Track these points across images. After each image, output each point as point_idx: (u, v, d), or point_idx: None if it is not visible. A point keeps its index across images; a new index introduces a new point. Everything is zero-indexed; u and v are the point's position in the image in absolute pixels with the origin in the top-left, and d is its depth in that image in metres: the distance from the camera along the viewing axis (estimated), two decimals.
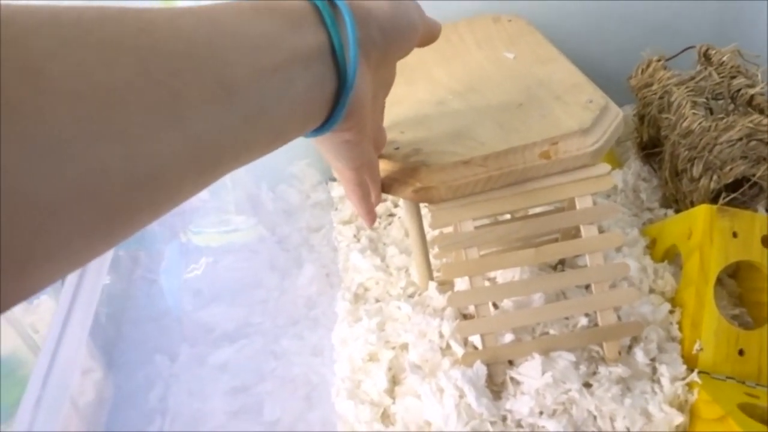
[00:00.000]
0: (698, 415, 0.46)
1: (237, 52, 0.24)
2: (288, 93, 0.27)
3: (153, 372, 0.67)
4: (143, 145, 0.20)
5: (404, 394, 0.50)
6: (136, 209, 0.21)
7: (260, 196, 0.80)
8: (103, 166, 0.19)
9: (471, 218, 0.48)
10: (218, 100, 0.23)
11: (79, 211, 0.19)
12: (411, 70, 0.59)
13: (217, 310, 0.73)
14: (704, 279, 0.51)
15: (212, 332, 0.71)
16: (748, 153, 0.58)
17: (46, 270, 0.19)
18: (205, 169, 0.24)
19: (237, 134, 0.25)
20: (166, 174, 0.22)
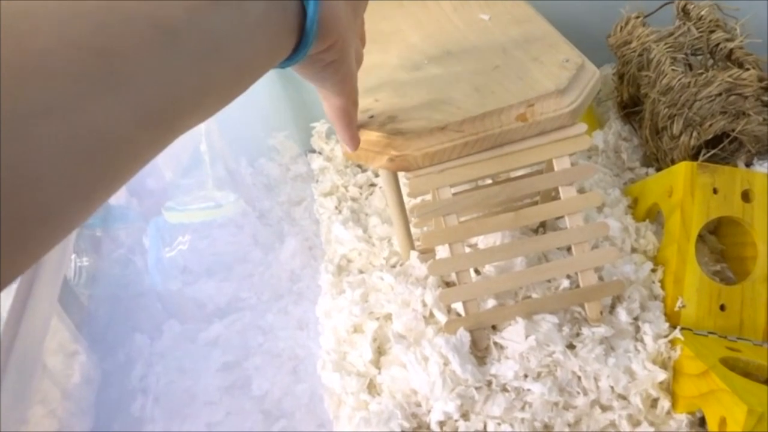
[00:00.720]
0: (681, 371, 0.46)
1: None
2: (242, 21, 0.24)
3: (138, 351, 0.66)
4: (79, 117, 0.19)
5: (390, 364, 0.50)
6: (90, 184, 0.20)
7: (239, 170, 0.79)
8: (41, 145, 0.18)
9: (449, 185, 0.47)
10: (157, 48, 0.20)
11: (29, 195, 0.18)
12: (385, 36, 0.58)
13: (204, 287, 0.72)
14: (686, 236, 0.51)
15: (201, 309, 0.71)
16: (727, 108, 0.58)
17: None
18: (161, 126, 0.22)
19: (189, 81, 0.22)
20: (116, 143, 0.20)
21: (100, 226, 0.75)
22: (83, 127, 0.19)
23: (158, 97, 0.21)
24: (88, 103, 0.19)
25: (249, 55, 0.25)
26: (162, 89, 0.21)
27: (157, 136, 0.22)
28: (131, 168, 0.22)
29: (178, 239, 0.74)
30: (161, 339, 0.68)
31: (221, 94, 0.25)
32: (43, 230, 0.19)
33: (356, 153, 0.48)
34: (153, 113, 0.21)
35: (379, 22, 0.61)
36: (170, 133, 0.23)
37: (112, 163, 0.21)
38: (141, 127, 0.21)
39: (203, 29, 0.22)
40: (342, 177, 0.72)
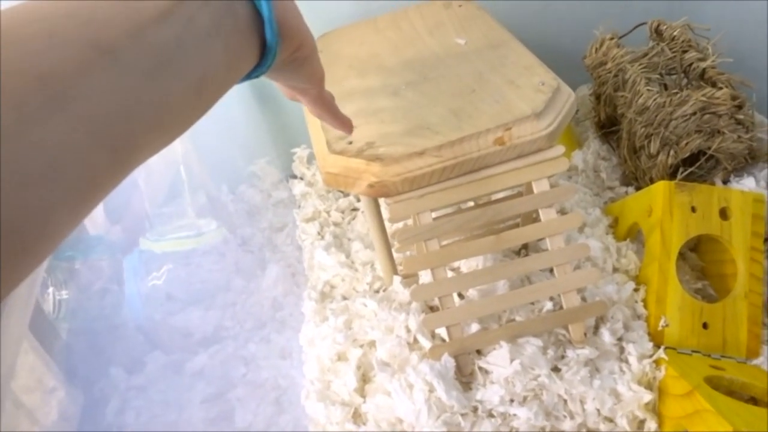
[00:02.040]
0: (667, 391, 0.46)
1: (107, 10, 0.21)
2: (189, 33, 0.23)
3: (115, 385, 0.65)
4: (28, 141, 0.18)
5: (375, 392, 0.49)
6: (47, 211, 0.20)
7: (220, 198, 0.78)
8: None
9: (429, 209, 0.47)
10: (99, 68, 0.20)
11: None
12: (362, 62, 0.58)
13: (187, 317, 0.71)
14: (666, 255, 0.51)
15: (186, 339, 0.69)
16: (702, 126, 0.58)
17: None
18: (119, 145, 0.21)
19: (142, 97, 0.22)
20: (72, 165, 0.20)
21: (79, 258, 0.74)
22: (33, 151, 0.19)
23: (109, 115, 0.21)
24: (36, 126, 0.19)
25: (204, 67, 0.24)
26: (112, 107, 0.21)
27: (118, 157, 0.22)
28: (93, 193, 0.21)
29: (160, 269, 0.73)
30: (144, 371, 0.67)
31: (182, 110, 0.24)
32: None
33: (336, 179, 0.48)
34: (106, 132, 0.21)
35: (356, 48, 0.61)
36: (133, 154, 0.22)
37: (72, 187, 0.20)
38: (96, 147, 0.20)
39: (147, 45, 0.22)
40: (324, 202, 0.72)
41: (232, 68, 0.26)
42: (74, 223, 0.21)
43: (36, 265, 0.21)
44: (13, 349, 0.50)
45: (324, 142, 0.49)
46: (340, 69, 0.58)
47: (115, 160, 0.22)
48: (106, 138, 0.21)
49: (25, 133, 0.18)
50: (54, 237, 0.21)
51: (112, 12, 0.21)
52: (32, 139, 0.19)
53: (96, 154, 0.21)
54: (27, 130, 0.18)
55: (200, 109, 0.25)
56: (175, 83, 0.23)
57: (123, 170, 0.22)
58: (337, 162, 0.47)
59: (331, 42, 0.63)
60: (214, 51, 0.25)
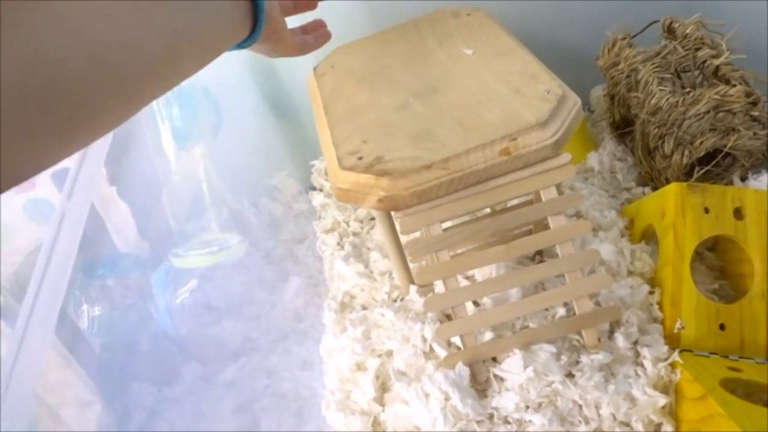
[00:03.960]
0: (682, 394, 0.46)
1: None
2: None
3: (148, 397, 0.67)
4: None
5: (393, 401, 0.50)
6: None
7: (243, 212, 0.80)
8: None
9: (439, 221, 0.48)
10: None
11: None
12: (373, 75, 0.59)
13: (215, 330, 0.73)
14: (680, 257, 0.51)
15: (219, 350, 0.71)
16: (716, 125, 0.58)
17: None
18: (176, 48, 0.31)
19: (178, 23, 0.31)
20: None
21: (110, 275, 0.77)
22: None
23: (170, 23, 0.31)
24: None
25: (217, 21, 0.35)
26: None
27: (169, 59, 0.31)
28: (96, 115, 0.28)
29: (187, 283, 0.75)
30: (176, 383, 0.69)
31: (199, 47, 0.33)
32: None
33: (347, 195, 0.49)
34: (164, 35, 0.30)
35: (367, 62, 0.62)
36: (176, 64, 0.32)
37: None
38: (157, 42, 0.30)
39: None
40: (343, 212, 0.73)
41: (234, 30, 0.38)
42: (98, 129, 0.28)
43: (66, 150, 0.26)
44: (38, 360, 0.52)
45: (335, 158, 0.50)
46: (350, 84, 0.59)
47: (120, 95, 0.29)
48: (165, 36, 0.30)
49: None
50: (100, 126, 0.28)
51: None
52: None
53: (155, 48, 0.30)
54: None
55: (210, 52, 0.35)
56: (198, 23, 0.33)
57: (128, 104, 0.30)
58: (347, 177, 0.49)
59: (341, 56, 0.64)
60: (222, 12, 0.36)
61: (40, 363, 0.50)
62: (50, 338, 0.53)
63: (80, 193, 0.60)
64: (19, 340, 0.49)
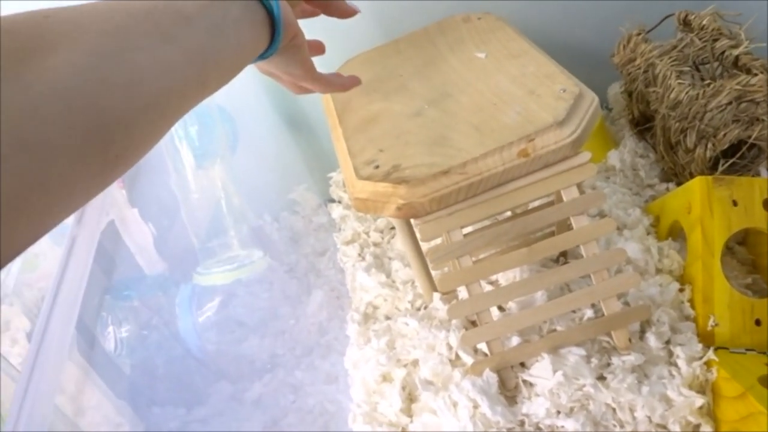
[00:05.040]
0: (720, 393, 0.45)
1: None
2: (228, 16, 0.34)
3: (178, 419, 0.67)
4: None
5: (421, 411, 0.49)
6: (93, 157, 0.25)
7: (264, 227, 0.80)
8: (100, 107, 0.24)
9: (459, 227, 0.47)
10: (182, 23, 0.30)
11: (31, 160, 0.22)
12: (385, 84, 0.59)
13: (243, 347, 0.73)
14: (709, 252, 0.50)
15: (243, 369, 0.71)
16: (739, 116, 0.57)
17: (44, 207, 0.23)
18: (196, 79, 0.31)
19: (204, 49, 0.31)
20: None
21: (136, 296, 0.77)
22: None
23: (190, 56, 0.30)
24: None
25: (239, 40, 0.35)
26: (185, 54, 0.30)
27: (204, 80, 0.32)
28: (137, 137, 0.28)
29: (212, 302, 0.75)
30: (206, 402, 0.69)
31: (224, 68, 0.34)
32: (43, 198, 0.22)
33: (365, 204, 0.49)
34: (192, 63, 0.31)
35: (379, 71, 0.62)
36: (200, 92, 0.32)
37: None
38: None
39: (207, 15, 0.32)
40: (362, 223, 0.73)
41: (255, 44, 0.37)
42: (113, 173, 0.28)
43: (74, 207, 0.26)
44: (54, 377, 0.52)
45: (351, 169, 0.50)
46: (363, 94, 0.59)
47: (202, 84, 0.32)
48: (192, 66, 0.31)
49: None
50: (92, 186, 0.27)
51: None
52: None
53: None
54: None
55: (234, 69, 0.35)
56: (223, 46, 0.33)
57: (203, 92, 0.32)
58: (365, 187, 0.48)
59: (353, 67, 0.64)
60: (243, 30, 0.35)
61: (55, 385, 0.51)
62: (64, 361, 0.53)
63: (90, 216, 0.61)
64: (32, 365, 0.49)
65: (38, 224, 0.23)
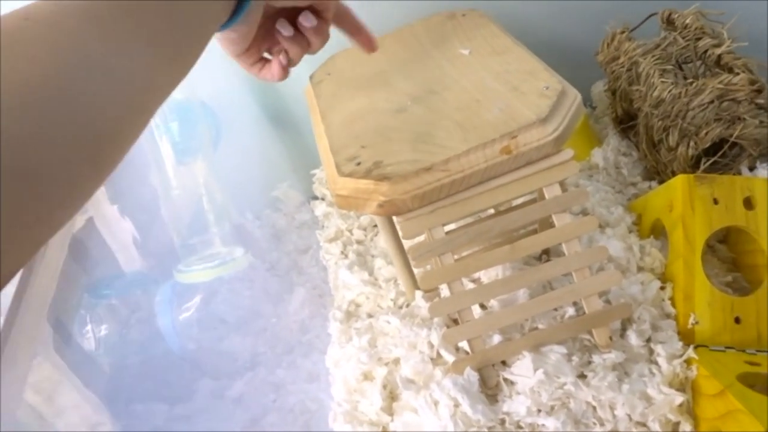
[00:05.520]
0: (700, 391, 0.45)
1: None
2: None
3: (159, 415, 0.66)
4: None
5: (402, 410, 0.49)
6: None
7: (246, 224, 0.79)
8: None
9: (441, 224, 0.47)
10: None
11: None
12: (369, 80, 0.59)
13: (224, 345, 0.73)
14: (691, 250, 0.50)
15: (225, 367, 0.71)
16: (721, 114, 0.57)
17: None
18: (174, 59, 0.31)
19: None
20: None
21: (114, 295, 0.76)
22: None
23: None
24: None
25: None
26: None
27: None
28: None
29: (192, 299, 0.75)
30: (187, 400, 0.68)
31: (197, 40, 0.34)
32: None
33: (347, 201, 0.48)
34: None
35: (363, 68, 0.61)
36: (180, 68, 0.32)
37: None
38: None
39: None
40: (346, 221, 0.72)
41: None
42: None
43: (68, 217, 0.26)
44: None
45: (333, 166, 0.49)
46: (347, 90, 0.58)
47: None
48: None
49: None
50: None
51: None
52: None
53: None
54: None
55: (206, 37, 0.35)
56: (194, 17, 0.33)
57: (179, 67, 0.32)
58: (346, 184, 0.48)
59: (337, 63, 0.64)
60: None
61: (23, 384, 0.50)
62: (32, 359, 0.52)
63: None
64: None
65: (34, 243, 0.24)
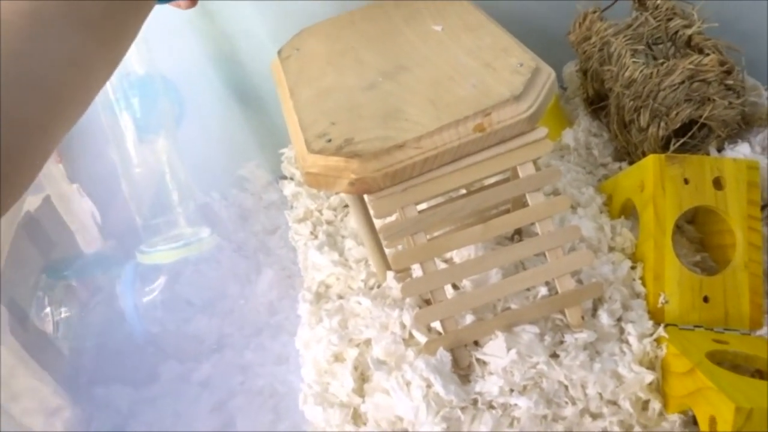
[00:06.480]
0: (669, 369, 0.45)
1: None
2: None
3: (122, 399, 0.65)
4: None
5: (373, 392, 0.48)
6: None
7: (212, 204, 0.77)
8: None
9: (413, 203, 0.46)
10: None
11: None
12: (339, 57, 0.57)
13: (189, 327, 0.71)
14: (661, 230, 0.50)
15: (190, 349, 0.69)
16: (692, 95, 0.57)
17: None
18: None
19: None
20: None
21: (75, 277, 0.74)
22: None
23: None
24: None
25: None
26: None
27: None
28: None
29: (156, 281, 0.72)
30: (152, 383, 0.66)
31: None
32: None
33: (317, 179, 0.47)
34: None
35: (332, 43, 0.60)
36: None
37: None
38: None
39: None
40: (315, 201, 0.71)
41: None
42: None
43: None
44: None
45: (303, 143, 0.48)
46: (316, 66, 0.57)
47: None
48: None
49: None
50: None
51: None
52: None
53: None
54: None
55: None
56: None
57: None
58: (316, 162, 0.46)
59: (306, 39, 0.62)
60: None
61: None
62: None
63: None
64: None
65: None
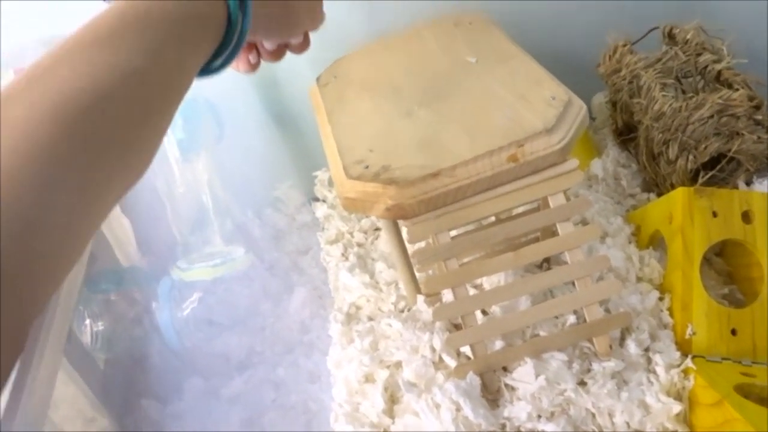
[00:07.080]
0: (697, 401, 0.45)
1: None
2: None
3: (153, 413, 0.66)
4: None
5: (403, 413, 0.49)
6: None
7: (246, 223, 0.80)
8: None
9: (446, 230, 0.47)
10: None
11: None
12: (376, 83, 0.59)
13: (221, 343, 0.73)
14: (689, 261, 0.51)
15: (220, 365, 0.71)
16: (720, 129, 0.58)
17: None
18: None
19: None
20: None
21: (113, 290, 0.76)
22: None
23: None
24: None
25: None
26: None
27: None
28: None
29: (191, 296, 0.74)
30: (181, 398, 0.68)
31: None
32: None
33: (354, 204, 0.49)
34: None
35: (369, 71, 0.62)
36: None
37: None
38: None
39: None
40: (347, 223, 0.72)
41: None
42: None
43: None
44: (50, 379, 0.52)
45: (341, 168, 0.50)
46: (353, 93, 0.59)
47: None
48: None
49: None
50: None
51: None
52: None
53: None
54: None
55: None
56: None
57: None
58: (354, 187, 0.48)
59: (343, 67, 0.64)
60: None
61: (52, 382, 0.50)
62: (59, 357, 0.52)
63: None
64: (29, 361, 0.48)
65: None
